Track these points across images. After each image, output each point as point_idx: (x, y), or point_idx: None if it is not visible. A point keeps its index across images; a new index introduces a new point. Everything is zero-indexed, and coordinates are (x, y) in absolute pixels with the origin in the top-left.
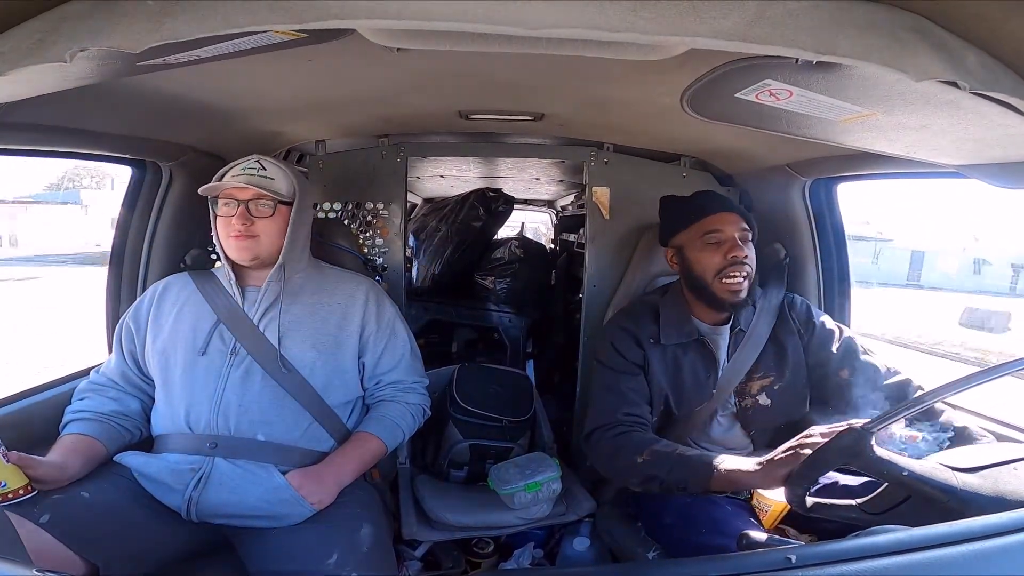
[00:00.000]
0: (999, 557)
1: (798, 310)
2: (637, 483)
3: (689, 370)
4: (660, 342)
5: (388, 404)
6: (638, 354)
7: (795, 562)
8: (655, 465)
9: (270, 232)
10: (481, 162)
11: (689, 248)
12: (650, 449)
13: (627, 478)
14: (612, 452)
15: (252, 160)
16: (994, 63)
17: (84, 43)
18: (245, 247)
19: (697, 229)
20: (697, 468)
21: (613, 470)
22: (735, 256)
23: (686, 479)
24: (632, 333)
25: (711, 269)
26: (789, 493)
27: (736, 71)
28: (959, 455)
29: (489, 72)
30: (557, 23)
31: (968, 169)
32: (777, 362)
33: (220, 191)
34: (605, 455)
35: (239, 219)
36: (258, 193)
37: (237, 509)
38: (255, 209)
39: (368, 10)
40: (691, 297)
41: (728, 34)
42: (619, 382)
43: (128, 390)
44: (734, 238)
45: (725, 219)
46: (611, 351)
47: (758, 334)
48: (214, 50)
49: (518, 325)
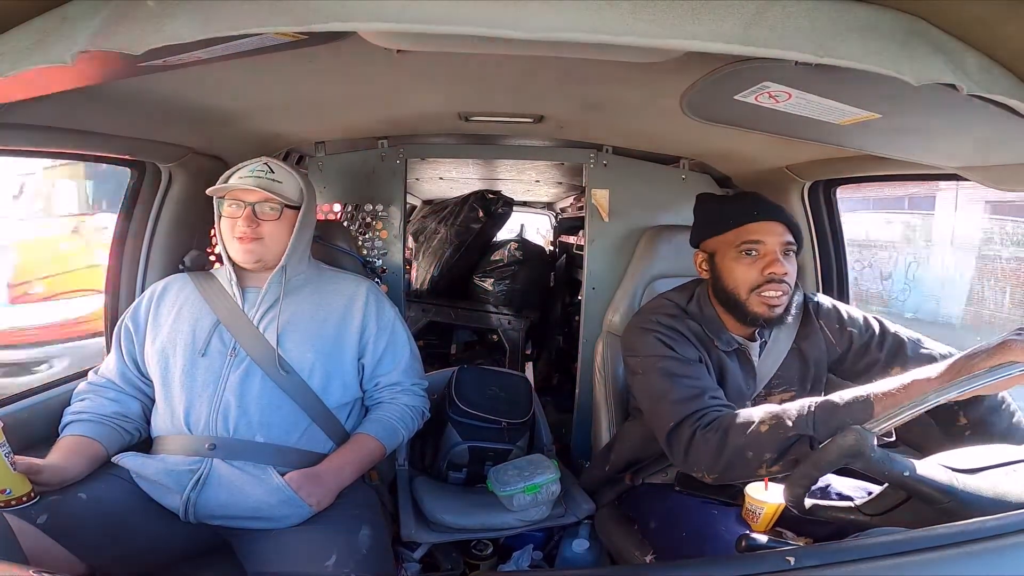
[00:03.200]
0: (998, 559)
1: (827, 315)
2: (773, 460)
3: (732, 378)
4: (708, 344)
5: (387, 406)
6: (695, 352)
7: (794, 564)
8: (790, 424)
9: (275, 235)
10: (481, 164)
11: (722, 256)
12: (766, 412)
13: (751, 462)
14: (718, 438)
15: (260, 162)
16: (992, 65)
17: (85, 44)
18: (249, 250)
19: (734, 236)
20: (854, 406)
21: (725, 460)
22: (773, 273)
23: (843, 424)
24: (680, 332)
25: (745, 284)
26: (788, 493)
27: (735, 73)
28: (959, 456)
29: (489, 74)
30: (556, 27)
31: (967, 171)
32: (800, 375)
33: (227, 192)
34: (710, 445)
35: (245, 221)
36: (265, 196)
37: (235, 510)
38: (261, 212)
39: (369, 12)
40: (720, 309)
41: (726, 37)
42: (689, 369)
43: (127, 391)
44: (775, 252)
45: (767, 229)
46: (662, 346)
47: (779, 346)
48: (214, 51)
49: (517, 327)
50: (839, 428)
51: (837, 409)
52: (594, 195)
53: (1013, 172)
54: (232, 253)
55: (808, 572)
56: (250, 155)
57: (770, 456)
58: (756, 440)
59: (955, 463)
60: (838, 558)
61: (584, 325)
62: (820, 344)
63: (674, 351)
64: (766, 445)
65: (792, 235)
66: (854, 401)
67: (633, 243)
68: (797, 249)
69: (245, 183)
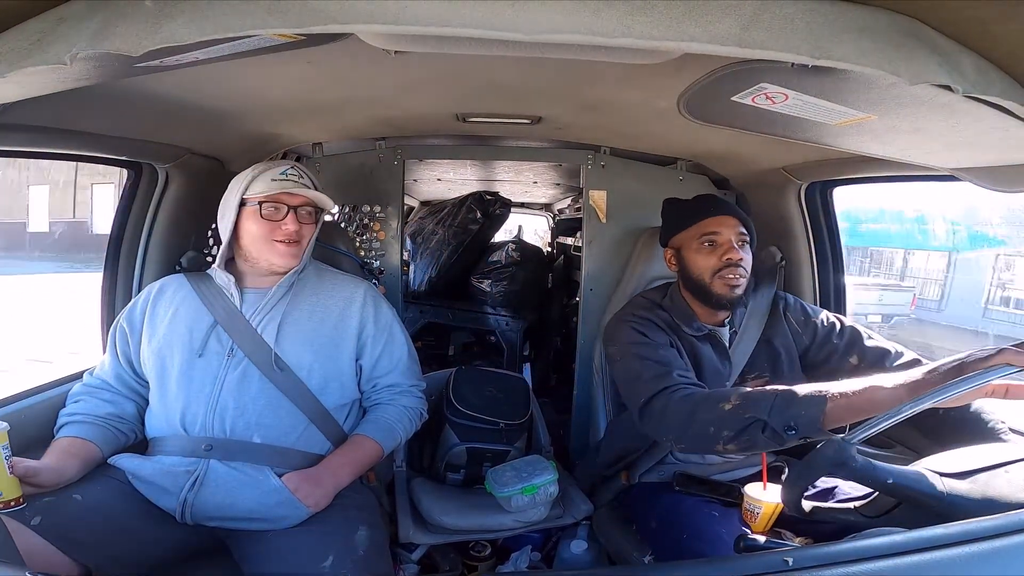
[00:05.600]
0: (996, 559)
1: (793, 310)
2: (730, 437)
3: (708, 361)
4: (678, 331)
5: (385, 407)
6: (665, 337)
7: (792, 564)
8: (751, 406)
9: (308, 239)
10: (478, 165)
11: (687, 249)
12: (737, 393)
13: (712, 436)
14: (688, 410)
15: (289, 165)
16: (988, 66)
17: (83, 45)
18: (293, 253)
19: (695, 231)
20: (809, 400)
21: (691, 431)
22: (730, 258)
23: (796, 416)
24: (651, 320)
25: (708, 270)
26: (785, 499)
27: (732, 75)
28: (947, 459)
29: (486, 75)
30: (554, 28)
31: (962, 172)
32: (770, 362)
33: (269, 195)
34: (680, 415)
35: (292, 223)
36: (306, 199)
37: (232, 511)
38: (302, 215)
39: (366, 14)
40: (689, 296)
41: (723, 38)
42: (659, 352)
43: (123, 392)
44: (730, 241)
45: (722, 222)
46: (636, 334)
47: (749, 335)
48: (212, 52)
49: (515, 328)
50: (793, 418)
51: (794, 400)
52: (592, 196)
53: (1008, 173)
54: (269, 257)
55: (806, 572)
56: (248, 156)
57: (728, 434)
58: (720, 417)
59: (944, 467)
60: (836, 558)
61: (582, 326)
62: (788, 336)
63: (646, 336)
64: (727, 423)
65: (744, 227)
66: (810, 396)
67: (631, 244)
68: (750, 240)
69: (286, 187)
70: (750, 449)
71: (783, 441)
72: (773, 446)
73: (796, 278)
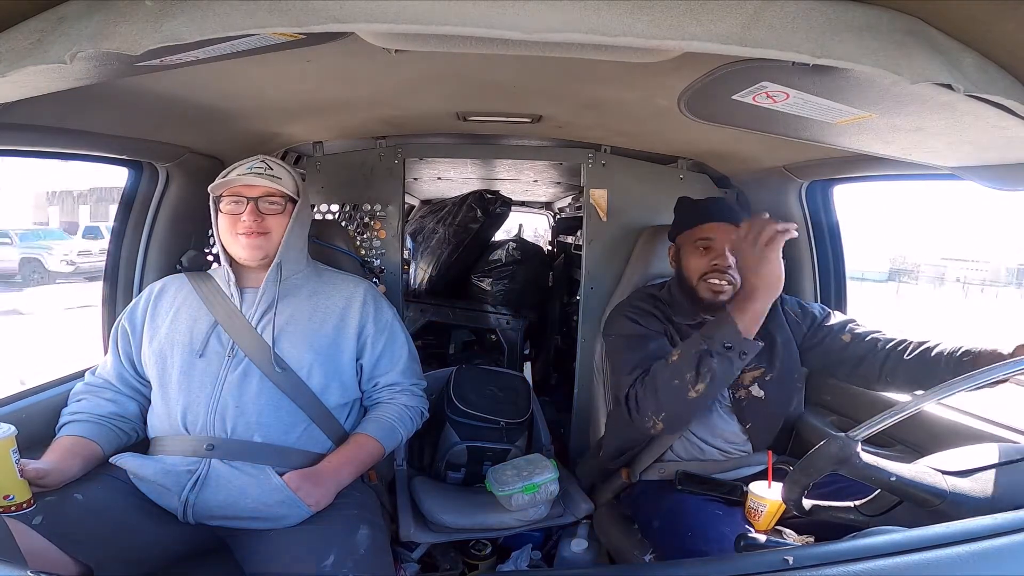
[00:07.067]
0: (997, 558)
1: (790, 304)
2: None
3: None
4: (673, 320)
5: (386, 406)
6: (660, 325)
7: (793, 563)
8: (690, 345)
9: (280, 229)
10: (479, 164)
11: (685, 249)
12: (673, 351)
13: (680, 387)
14: (651, 383)
15: (258, 160)
16: (989, 65)
17: (83, 44)
18: (256, 245)
19: (694, 233)
20: (721, 320)
21: (664, 397)
22: (717, 264)
23: (722, 335)
24: (647, 309)
25: (696, 272)
26: (786, 496)
27: (732, 73)
28: (950, 458)
29: (487, 74)
30: (554, 27)
31: (963, 171)
32: (767, 353)
33: (228, 188)
34: (649, 391)
35: (249, 215)
36: (267, 190)
37: (234, 511)
38: (265, 207)
39: (367, 13)
40: (679, 294)
41: (724, 37)
42: (647, 342)
43: (125, 391)
44: (722, 247)
45: (719, 228)
46: (630, 323)
47: None
48: (212, 51)
49: (515, 327)
50: (722, 338)
51: (711, 325)
52: (592, 195)
53: (1009, 172)
54: (235, 251)
55: (807, 571)
56: (248, 154)
57: (690, 375)
58: (675, 367)
59: (946, 465)
60: (836, 557)
61: (582, 325)
62: (786, 328)
63: (640, 324)
64: (682, 368)
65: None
66: (719, 317)
67: (631, 243)
68: None
69: (246, 179)
70: (717, 382)
71: (733, 360)
72: (729, 369)
73: (797, 277)
